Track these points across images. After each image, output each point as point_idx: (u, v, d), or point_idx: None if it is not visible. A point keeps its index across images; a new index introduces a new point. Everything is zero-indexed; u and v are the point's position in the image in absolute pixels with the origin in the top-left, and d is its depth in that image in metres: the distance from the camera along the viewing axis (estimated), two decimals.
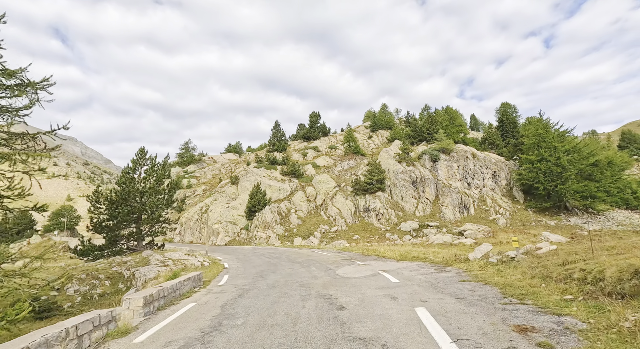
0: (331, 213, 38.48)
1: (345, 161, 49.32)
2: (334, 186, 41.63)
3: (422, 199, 39.34)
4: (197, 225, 40.38)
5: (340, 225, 36.32)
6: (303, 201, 39.97)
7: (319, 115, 63.32)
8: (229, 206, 40.27)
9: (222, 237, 36.71)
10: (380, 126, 64.81)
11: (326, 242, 32.09)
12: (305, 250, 24.19)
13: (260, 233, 35.33)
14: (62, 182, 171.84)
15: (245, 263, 17.56)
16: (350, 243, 30.98)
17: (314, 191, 41.41)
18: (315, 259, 16.91)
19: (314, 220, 37.46)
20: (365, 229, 35.49)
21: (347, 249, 24.20)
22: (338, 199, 39.73)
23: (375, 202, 37.25)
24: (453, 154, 43.16)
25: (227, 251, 27.29)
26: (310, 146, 57.27)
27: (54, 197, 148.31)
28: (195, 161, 68.46)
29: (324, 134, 62.56)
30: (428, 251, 21.33)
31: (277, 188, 41.41)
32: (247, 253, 23.55)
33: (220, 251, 27.52)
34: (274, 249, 27.34)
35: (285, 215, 38.17)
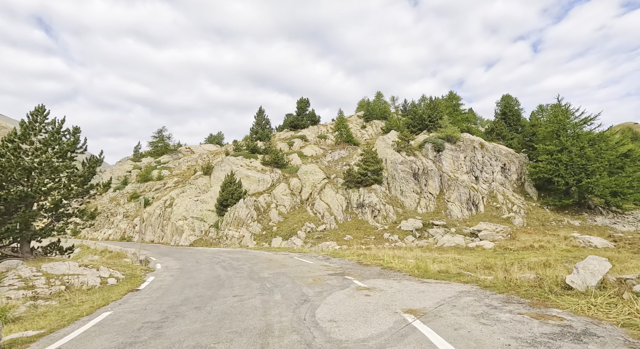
0: (318, 209, 32.62)
1: (336, 150, 43.50)
2: (323, 177, 35.78)
3: (424, 193, 33.87)
4: (159, 221, 33.90)
5: (329, 223, 30.51)
6: (286, 194, 33.97)
7: (308, 102, 57.32)
8: (197, 200, 33.93)
9: (186, 236, 30.40)
10: (375, 116, 59.27)
11: (311, 244, 26.23)
12: (281, 255, 18.27)
13: (232, 232, 29.19)
14: None
15: (184, 276, 11.57)
16: (340, 245, 25.22)
17: (299, 183, 35.46)
18: (289, 273, 11.04)
19: (298, 217, 31.54)
20: (359, 228, 29.78)
21: (337, 253, 18.42)
22: (327, 193, 33.90)
23: (370, 197, 31.57)
24: (459, 144, 37.86)
25: (181, 254, 21.13)
26: (297, 135, 51.24)
27: None
28: (170, 151, 61.54)
29: (313, 123, 56.60)
30: (447, 259, 15.73)
31: (256, 179, 35.29)
32: (204, 259, 17.51)
33: (172, 254, 21.32)
34: (243, 252, 21.32)
35: (264, 211, 32.11)
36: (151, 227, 34.30)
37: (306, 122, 55.29)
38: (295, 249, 22.33)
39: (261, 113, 55.68)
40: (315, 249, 23.74)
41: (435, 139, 36.67)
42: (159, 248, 26.62)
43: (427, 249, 22.23)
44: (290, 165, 39.79)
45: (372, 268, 12.39)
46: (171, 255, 20.81)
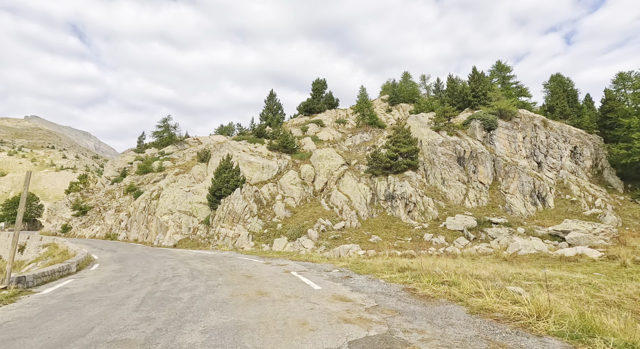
0: (336, 202, 25.78)
1: (357, 134, 36.42)
2: (341, 163, 28.86)
3: (473, 182, 26.20)
4: (143, 216, 28.25)
5: (349, 220, 23.61)
6: (295, 183, 27.36)
7: (325, 83, 50.50)
8: (189, 190, 27.99)
9: (170, 234, 24.47)
10: (402, 99, 51.59)
11: (325, 248, 19.43)
12: (274, 267, 11.56)
13: (225, 230, 22.90)
14: (70, 174, 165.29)
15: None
16: (365, 249, 18.25)
17: (311, 170, 28.74)
18: (252, 335, 4.33)
19: (310, 212, 24.82)
20: (389, 227, 22.66)
21: (363, 265, 11.53)
22: (347, 182, 26.97)
23: (403, 186, 24.33)
24: (516, 121, 29.76)
25: (148, 259, 14.97)
26: (312, 120, 44.55)
27: (61, 189, 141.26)
28: (176, 142, 56.65)
29: (330, 106, 49.73)
30: (570, 281, 8.54)
31: (260, 166, 28.90)
32: (152, 269, 11.18)
33: (134, 258, 15.19)
34: (225, 260, 14.84)
35: (268, 203, 25.63)
36: (136, 223, 28.73)
37: (322, 105, 48.49)
38: (301, 256, 15.58)
39: (272, 97, 49.48)
40: (331, 255, 16.92)
41: (485, 114, 28.81)
42: (118, 250, 20.70)
43: (497, 258, 14.85)
44: (301, 150, 33.19)
45: (446, 306, 5.48)
46: (126, 261, 14.69)
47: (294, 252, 18.25)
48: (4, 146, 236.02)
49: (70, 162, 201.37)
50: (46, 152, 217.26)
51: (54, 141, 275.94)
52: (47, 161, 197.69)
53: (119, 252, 19.73)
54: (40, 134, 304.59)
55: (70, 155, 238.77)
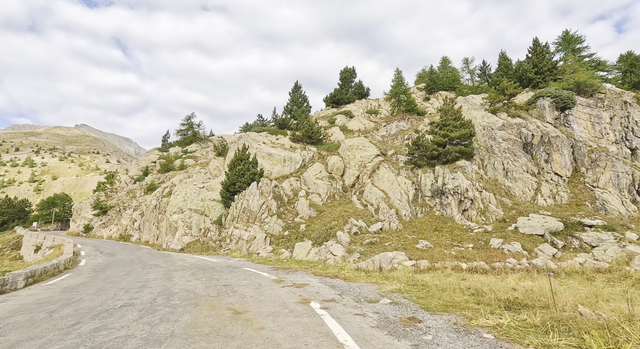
0: (370, 198, 21.41)
1: (392, 122, 31.69)
2: (376, 154, 24.40)
3: (546, 174, 20.64)
4: (154, 216, 25.59)
5: (387, 220, 19.15)
6: (322, 177, 23.32)
7: (354, 71, 46.15)
8: (203, 187, 24.92)
9: (179, 236, 21.38)
10: (441, 86, 45.92)
11: (360, 256, 15.12)
12: (288, 292, 7.51)
13: (239, 231, 19.36)
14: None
15: None
16: (415, 259, 13.71)
17: (340, 162, 24.57)
18: None
19: (339, 210, 20.64)
20: (440, 229, 17.87)
21: (424, 290, 7.18)
22: (383, 175, 22.51)
23: (455, 179, 19.42)
24: (600, 97, 23.61)
25: (133, 269, 11.67)
26: (340, 111, 40.39)
27: None
28: (199, 140, 55.00)
29: (361, 96, 45.25)
30: None
31: (281, 159, 25.21)
32: (131, 289, 7.63)
33: (118, 266, 11.95)
34: (234, 272, 11.10)
35: (289, 200, 21.81)
36: (148, 223, 26.17)
37: (352, 95, 44.15)
38: (329, 268, 11.41)
39: (297, 89, 46.03)
40: (368, 267, 12.60)
41: (557, 91, 23.01)
42: (116, 254, 17.74)
43: (626, 278, 9.72)
44: (328, 141, 29.15)
45: None
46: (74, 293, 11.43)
47: (320, 261, 14.15)
48: (55, 152, 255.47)
49: (112, 167, 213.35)
50: (92, 157, 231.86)
51: (99, 147, 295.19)
52: (93, 165, 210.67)
53: (115, 257, 16.78)
54: (88, 141, 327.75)
55: (113, 159, 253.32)
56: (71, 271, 12.07)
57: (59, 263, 12.20)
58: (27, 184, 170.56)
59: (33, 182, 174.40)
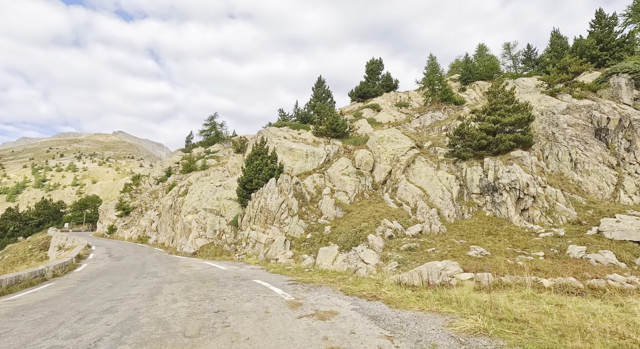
0: (405, 196, 18.49)
1: (426, 113, 28.43)
2: (410, 146, 21.39)
3: (629, 165, 16.69)
4: (169, 216, 24.12)
5: (428, 221, 16.17)
6: (348, 173, 20.69)
7: (381, 62, 43.13)
8: (220, 185, 23.13)
9: (193, 238, 19.57)
10: (478, 76, 41.76)
11: (399, 264, 12.31)
12: (307, 325, 4.97)
13: (256, 233, 17.17)
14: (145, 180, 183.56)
15: None
16: (470, 271, 10.68)
17: (369, 156, 21.80)
18: None
19: (370, 210, 17.88)
20: (495, 233, 14.64)
21: (524, 334, 4.26)
22: (419, 170, 19.50)
23: (512, 172, 16.06)
24: None
25: (125, 277, 9.72)
26: (366, 105, 37.55)
27: None
28: (222, 140, 54.21)
29: (389, 89, 42.10)
30: None
31: (303, 153, 22.88)
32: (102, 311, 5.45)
33: (112, 274, 10.07)
34: (240, 286, 8.80)
35: (312, 199, 19.36)
36: (164, 224, 24.78)
37: (379, 88, 41.14)
38: (362, 283, 8.73)
39: (321, 84, 43.72)
40: (413, 281, 9.79)
41: (637, 65, 18.89)
42: (124, 258, 16.07)
43: None
44: (355, 134, 26.47)
45: None
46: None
47: (349, 272, 11.52)
48: (95, 158, 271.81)
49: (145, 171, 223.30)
50: (127, 161, 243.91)
51: (134, 152, 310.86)
52: (128, 170, 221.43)
53: (119, 262, 15.13)
54: (124, 146, 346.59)
55: (146, 164, 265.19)
56: (58, 279, 10.32)
57: (44, 269, 10.46)
58: (70, 188, 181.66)
59: (75, 186, 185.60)
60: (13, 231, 53.93)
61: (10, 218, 53.80)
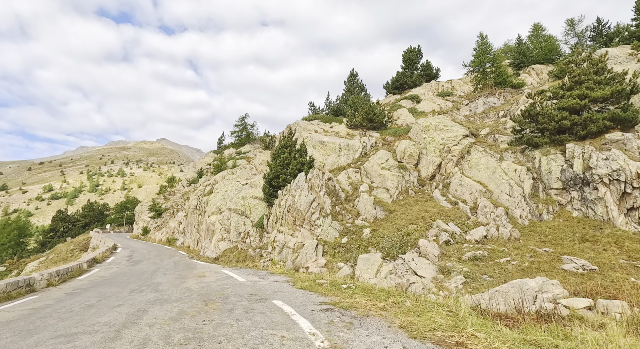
0: (461, 193, 15.23)
1: (477, 99, 24.65)
2: (463, 134, 17.99)
3: None
4: (194, 217, 22.72)
5: (493, 223, 12.86)
6: (389, 167, 17.78)
7: (419, 51, 39.45)
8: (246, 183, 21.31)
9: (216, 241, 17.76)
10: (533, 60, 36.66)
11: (465, 279, 9.28)
12: None
13: (283, 236, 14.89)
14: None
15: None
16: (581, 294, 7.41)
17: (413, 147, 18.70)
18: None
19: (417, 209, 14.86)
20: (594, 240, 10.99)
21: None
22: (477, 161, 16.12)
23: (612, 160, 12.24)
24: None
25: (122, 289, 7.78)
26: (404, 97, 34.19)
27: None
28: (252, 140, 53.35)
29: (429, 78, 38.33)
30: None
31: (336, 147, 20.37)
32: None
33: (111, 285, 8.22)
34: (254, 311, 6.40)
35: (347, 197, 16.72)
36: (190, 226, 23.47)
37: (417, 78, 37.54)
38: (424, 312, 5.91)
39: (353, 77, 41.08)
40: (497, 306, 6.78)
41: None
42: (139, 264, 14.50)
43: None
44: (394, 125, 23.46)
45: None
46: None
47: (400, 289, 8.71)
48: (140, 164, 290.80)
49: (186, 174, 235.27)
50: (169, 166, 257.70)
51: (175, 157, 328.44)
52: (169, 174, 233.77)
53: (133, 267, 13.58)
54: (166, 153, 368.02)
55: (185, 168, 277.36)
56: (47, 291, 8.71)
57: (33, 278, 8.86)
58: (119, 192, 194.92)
59: (123, 190, 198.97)
60: (62, 232, 56.95)
61: (60, 220, 57.01)
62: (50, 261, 37.78)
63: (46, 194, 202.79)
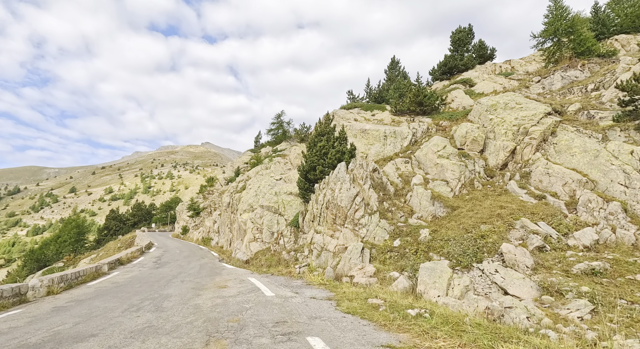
0: (548, 184, 11.74)
1: (553, 74, 20.31)
2: (544, 112, 14.29)
3: None
4: (227, 215, 21.31)
5: (605, 222, 9.36)
6: (447, 155, 14.70)
7: (470, 31, 34.99)
8: (280, 178, 19.40)
9: (247, 242, 15.97)
10: (616, 30, 30.55)
11: (592, 307, 6.16)
12: None
13: (321, 237, 12.59)
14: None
15: None
16: None
17: (476, 130, 15.36)
18: None
19: (488, 206, 11.69)
20: None
21: None
22: (569, 143, 12.47)
23: None
24: None
25: (133, 295, 5.98)
26: (455, 81, 30.25)
27: None
28: (289, 138, 52.12)
29: (482, 60, 33.76)
30: None
31: (380, 134, 17.65)
32: None
33: (121, 295, 6.52)
34: None
35: (397, 191, 13.97)
36: (223, 225, 22.15)
37: (469, 60, 33.19)
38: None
39: (394, 65, 37.81)
40: None
41: None
42: (165, 266, 13.05)
43: None
44: (448, 109, 20.10)
45: None
46: None
47: (488, 316, 5.87)
48: (187, 166, 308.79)
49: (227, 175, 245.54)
50: (212, 169, 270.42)
51: (218, 160, 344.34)
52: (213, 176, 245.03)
53: (157, 270, 12.17)
54: (209, 156, 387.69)
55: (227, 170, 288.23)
56: (41, 302, 7.22)
57: (26, 286, 7.44)
58: (168, 193, 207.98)
59: (172, 191, 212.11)
60: (115, 230, 60.30)
61: (113, 219, 60.49)
62: (99, 257, 39.37)
63: (107, 195, 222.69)
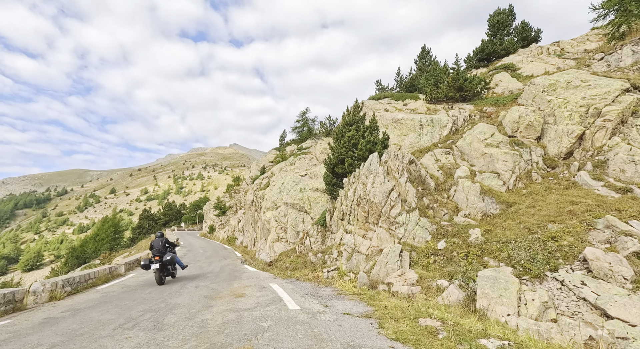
0: (632, 174, 9.46)
1: (620, 49, 17.42)
2: (620, 89, 11.87)
3: None
4: (251, 214, 20.39)
5: None
6: (496, 144, 12.67)
7: (511, 12, 31.85)
8: (305, 174, 18.14)
9: (271, 242, 14.84)
10: None
11: None
12: None
13: (352, 237, 11.10)
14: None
15: None
16: None
17: (531, 114, 13.16)
18: None
19: (554, 201, 9.64)
20: None
21: None
22: None
23: None
24: None
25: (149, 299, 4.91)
26: (495, 67, 27.51)
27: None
28: (314, 135, 51.06)
29: (526, 43, 30.55)
30: None
31: (416, 124, 15.85)
32: None
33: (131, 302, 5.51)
34: None
35: (438, 185, 12.17)
36: (247, 224, 21.29)
37: (509, 44, 30.13)
38: None
39: (425, 55, 35.43)
40: None
41: None
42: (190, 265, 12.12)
43: None
44: (491, 94, 17.85)
45: None
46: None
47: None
48: (216, 167, 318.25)
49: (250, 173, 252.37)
50: (240, 169, 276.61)
51: (245, 161, 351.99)
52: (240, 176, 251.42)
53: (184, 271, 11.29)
54: (237, 157, 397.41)
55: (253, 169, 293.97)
56: (36, 310, 6.36)
57: (16, 292, 6.66)
58: (199, 193, 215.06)
59: (202, 192, 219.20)
60: (147, 229, 62.25)
61: (145, 218, 62.56)
62: (131, 255, 40.27)
63: (143, 196, 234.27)
